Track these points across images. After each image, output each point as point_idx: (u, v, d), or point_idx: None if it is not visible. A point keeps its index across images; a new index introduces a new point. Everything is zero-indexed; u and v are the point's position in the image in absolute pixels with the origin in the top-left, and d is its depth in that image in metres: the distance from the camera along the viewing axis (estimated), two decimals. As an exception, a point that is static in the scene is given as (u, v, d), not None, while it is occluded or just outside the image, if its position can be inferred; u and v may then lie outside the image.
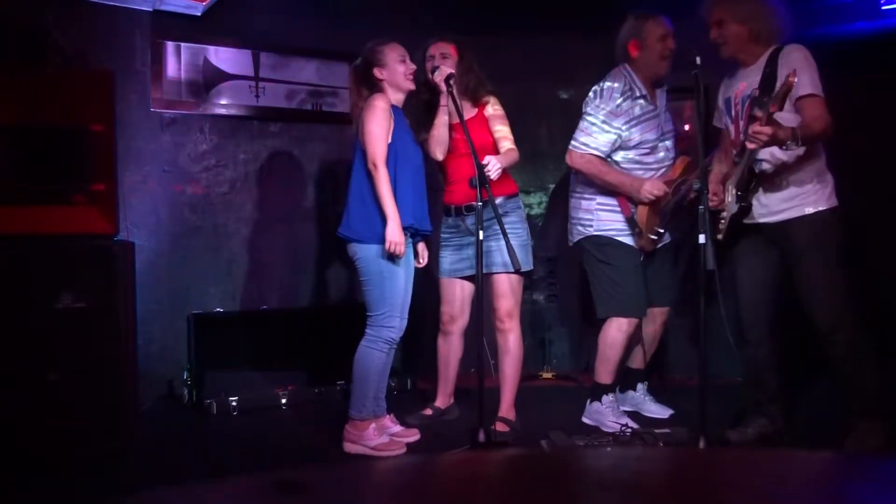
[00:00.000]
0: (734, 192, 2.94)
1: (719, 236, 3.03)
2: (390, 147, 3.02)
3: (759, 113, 2.73)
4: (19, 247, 3.15)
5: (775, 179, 2.90)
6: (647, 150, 3.32)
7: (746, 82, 2.97)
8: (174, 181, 4.10)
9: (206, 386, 3.73)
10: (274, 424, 3.58)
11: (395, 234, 2.93)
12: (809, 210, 2.87)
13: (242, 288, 4.26)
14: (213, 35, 4.13)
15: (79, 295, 3.21)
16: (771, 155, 2.88)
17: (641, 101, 3.30)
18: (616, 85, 3.29)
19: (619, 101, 3.25)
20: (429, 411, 3.60)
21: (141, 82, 3.97)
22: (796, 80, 2.59)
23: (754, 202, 2.94)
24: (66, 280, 3.19)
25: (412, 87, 3.15)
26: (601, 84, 3.33)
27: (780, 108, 2.64)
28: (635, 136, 3.28)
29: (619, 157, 3.32)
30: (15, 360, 3.08)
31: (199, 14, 4.01)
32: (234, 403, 3.72)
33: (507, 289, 3.35)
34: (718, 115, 3.18)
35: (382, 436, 3.12)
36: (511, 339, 3.37)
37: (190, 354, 3.82)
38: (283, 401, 3.84)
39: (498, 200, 3.26)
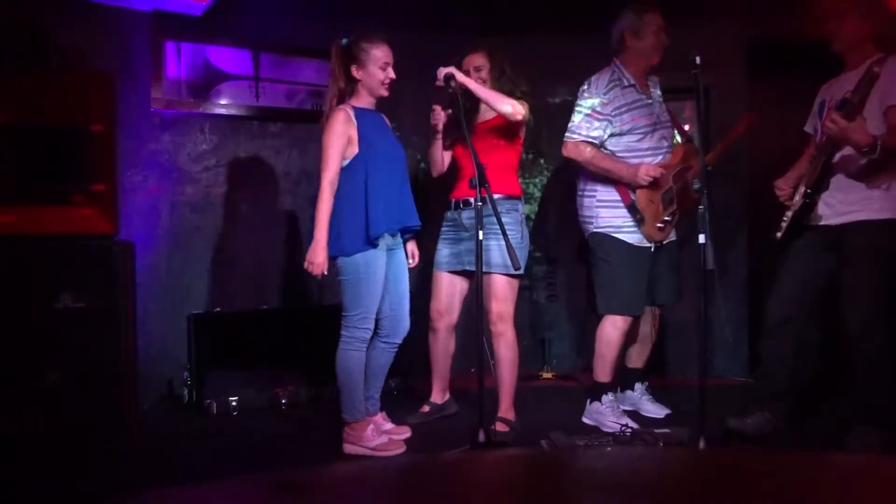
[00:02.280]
0: (803, 189, 2.92)
1: (778, 234, 3.03)
2: (358, 156, 2.98)
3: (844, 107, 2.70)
4: (19, 247, 3.15)
5: (846, 181, 2.85)
6: (640, 136, 3.33)
7: (846, 84, 2.90)
8: (174, 181, 4.10)
9: (206, 386, 3.73)
10: (274, 424, 3.58)
11: (315, 255, 2.92)
12: (874, 216, 2.83)
13: (242, 288, 4.26)
14: (213, 35, 4.13)
15: (79, 295, 3.21)
16: (847, 157, 2.85)
17: (631, 89, 3.33)
18: (603, 76, 3.35)
19: (606, 89, 3.31)
20: (426, 408, 3.62)
21: (141, 82, 3.97)
22: (880, 70, 2.56)
23: (820, 203, 2.91)
24: (66, 280, 3.20)
25: (386, 94, 3.08)
26: (589, 79, 3.40)
27: (864, 99, 2.60)
28: (626, 122, 3.31)
29: (611, 145, 3.34)
30: (15, 360, 3.08)
31: (199, 14, 4.01)
32: (234, 403, 3.72)
33: (497, 290, 3.30)
34: (809, 120, 3.16)
35: (381, 436, 3.12)
36: (503, 343, 3.32)
37: (190, 354, 3.82)
38: (283, 401, 3.84)
39: (495, 198, 3.25)
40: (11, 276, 3.13)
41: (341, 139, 2.96)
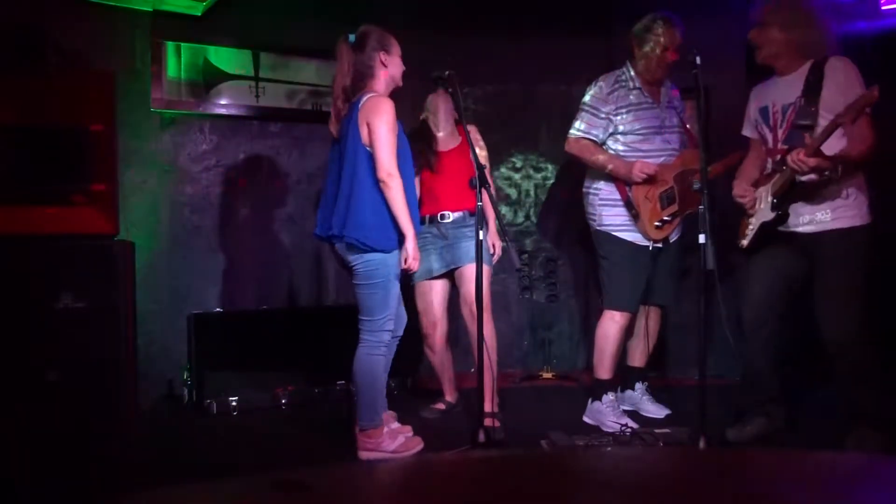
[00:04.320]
0: (770, 199, 2.92)
1: (744, 241, 3.03)
2: (398, 153, 2.88)
3: (808, 139, 2.72)
4: (19, 247, 3.15)
5: (816, 191, 2.85)
6: (641, 138, 3.37)
7: (787, 90, 2.94)
8: (174, 181, 4.10)
9: (206, 386, 3.73)
10: (274, 424, 3.58)
11: (415, 250, 2.86)
12: (846, 224, 2.84)
13: (242, 288, 4.26)
14: (213, 35, 4.13)
15: (79, 295, 3.20)
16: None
17: (636, 91, 3.38)
18: (608, 77, 3.42)
19: (608, 89, 3.38)
20: (441, 405, 3.74)
21: (141, 82, 3.97)
22: (848, 95, 2.60)
23: (790, 211, 2.91)
24: (66, 280, 3.19)
25: (401, 84, 3.07)
26: (598, 77, 3.46)
27: (854, 122, 2.61)
28: (627, 122, 3.36)
29: (612, 143, 3.40)
30: (15, 360, 3.08)
31: (199, 14, 4.01)
32: (234, 403, 3.72)
33: (468, 277, 3.45)
34: (749, 125, 3.16)
35: (398, 438, 3.02)
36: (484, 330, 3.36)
37: (190, 354, 3.82)
38: (283, 401, 3.84)
39: (458, 215, 3.52)
40: (11, 276, 3.12)
41: (396, 126, 2.84)
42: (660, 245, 3.41)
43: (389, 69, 2.97)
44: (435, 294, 3.62)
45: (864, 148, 2.74)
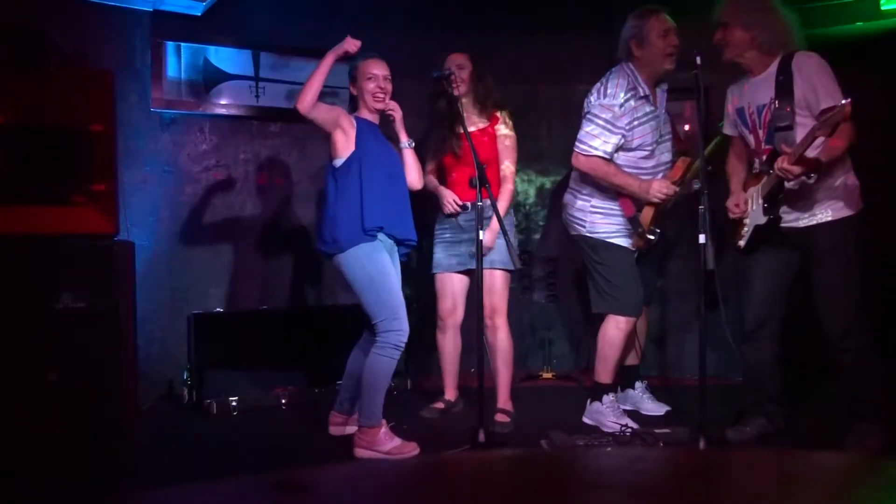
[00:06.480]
0: (761, 203, 2.92)
1: (741, 242, 3.03)
2: (354, 154, 3.01)
3: (787, 148, 2.71)
4: (19, 247, 3.15)
5: (806, 187, 2.85)
6: (647, 154, 3.28)
7: (759, 91, 2.94)
8: (174, 181, 4.10)
9: (206, 386, 3.72)
10: (274, 424, 3.58)
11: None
12: (837, 215, 2.86)
13: (242, 288, 4.26)
14: (213, 35, 4.13)
15: (79, 295, 3.21)
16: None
17: (644, 101, 3.26)
18: (621, 82, 3.24)
19: (623, 99, 3.20)
20: (441, 404, 3.73)
21: (141, 82, 3.97)
22: (820, 92, 2.61)
23: (782, 209, 2.91)
24: (66, 280, 3.20)
25: (379, 106, 3.13)
26: (604, 82, 3.27)
27: (831, 135, 2.61)
28: (637, 137, 3.25)
29: (617, 158, 3.28)
30: (15, 360, 3.08)
31: (199, 14, 4.01)
32: (234, 403, 3.72)
33: (497, 285, 3.48)
34: (729, 124, 3.15)
35: (394, 439, 3.02)
36: (499, 337, 3.50)
37: (190, 354, 3.82)
38: (283, 401, 3.84)
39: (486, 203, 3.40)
40: (11, 276, 3.13)
41: (334, 110, 3.06)
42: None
43: (360, 96, 3.15)
44: (450, 285, 3.64)
45: (844, 143, 2.74)
